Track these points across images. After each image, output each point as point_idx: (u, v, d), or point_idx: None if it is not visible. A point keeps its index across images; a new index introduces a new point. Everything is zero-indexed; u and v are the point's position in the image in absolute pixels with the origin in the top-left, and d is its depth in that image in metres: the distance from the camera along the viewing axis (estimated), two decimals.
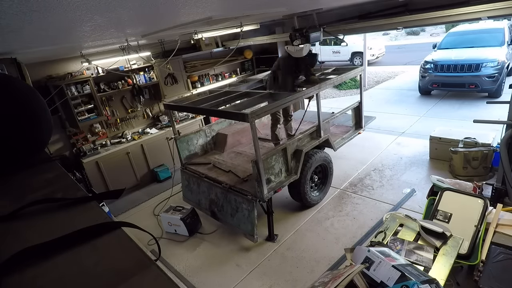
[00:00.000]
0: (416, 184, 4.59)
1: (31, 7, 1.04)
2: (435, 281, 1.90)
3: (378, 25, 4.46)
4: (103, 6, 1.23)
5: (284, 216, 4.37)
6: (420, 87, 8.76)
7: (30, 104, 1.12)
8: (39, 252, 0.56)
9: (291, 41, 4.52)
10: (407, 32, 21.70)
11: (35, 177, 1.03)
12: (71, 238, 0.59)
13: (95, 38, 2.73)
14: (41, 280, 0.52)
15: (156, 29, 2.93)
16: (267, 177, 3.65)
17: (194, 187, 4.59)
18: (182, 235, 4.25)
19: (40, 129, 1.13)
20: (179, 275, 3.63)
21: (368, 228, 3.86)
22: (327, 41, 13.62)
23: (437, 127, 5.47)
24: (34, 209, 0.74)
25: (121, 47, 4.73)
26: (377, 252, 2.08)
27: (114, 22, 1.91)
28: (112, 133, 5.96)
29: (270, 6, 2.93)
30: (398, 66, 13.24)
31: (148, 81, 6.09)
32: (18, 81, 1.30)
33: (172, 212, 4.28)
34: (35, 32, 1.71)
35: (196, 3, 1.67)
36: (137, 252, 0.56)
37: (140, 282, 0.49)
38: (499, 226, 2.73)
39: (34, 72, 4.74)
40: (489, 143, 4.48)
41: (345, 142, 4.92)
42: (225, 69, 7.54)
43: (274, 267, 3.52)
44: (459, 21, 4.53)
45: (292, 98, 3.80)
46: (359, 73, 5.08)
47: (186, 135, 4.86)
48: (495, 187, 3.64)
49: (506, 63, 7.41)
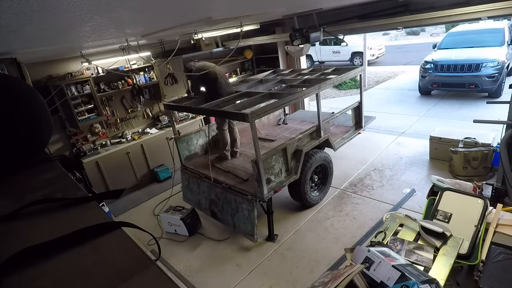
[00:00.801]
0: (416, 184, 4.59)
1: (31, 7, 1.03)
2: (435, 281, 1.90)
3: (378, 25, 4.47)
4: (103, 6, 1.23)
5: (284, 216, 4.37)
6: (420, 87, 8.76)
7: (30, 104, 1.12)
8: (39, 252, 0.56)
9: (291, 41, 4.52)
10: (407, 32, 21.70)
11: (35, 177, 1.03)
12: (71, 238, 0.59)
13: (95, 38, 2.72)
14: (41, 280, 0.52)
15: (156, 29, 2.93)
16: (267, 177, 3.65)
17: (194, 187, 4.59)
18: (182, 235, 4.25)
19: (40, 129, 1.13)
20: (179, 275, 3.63)
21: (368, 228, 3.86)
22: (327, 41, 13.62)
23: (437, 127, 5.47)
24: (34, 209, 0.74)
25: (121, 47, 4.73)
26: (377, 252, 2.08)
27: (114, 22, 1.91)
28: (112, 133, 5.96)
29: (270, 6, 2.93)
30: (398, 66, 13.24)
31: (148, 81, 6.10)
32: (18, 81, 1.30)
33: (172, 212, 4.28)
34: (35, 32, 1.71)
35: (196, 3, 1.67)
36: (137, 252, 0.56)
37: (140, 282, 0.49)
38: (499, 226, 2.73)
39: (34, 72, 4.74)
40: (489, 143, 4.48)
41: (345, 142, 4.92)
42: (225, 69, 7.54)
43: (274, 267, 3.52)
44: (459, 21, 4.53)
45: (292, 98, 3.81)
46: (359, 73, 5.09)
47: (186, 135, 4.86)
48: (495, 187, 3.64)
49: (506, 63, 7.41)
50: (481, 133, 4.80)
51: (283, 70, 6.06)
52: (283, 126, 5.87)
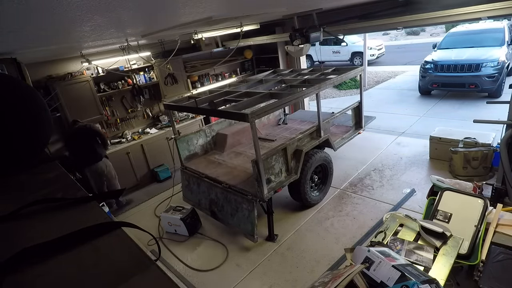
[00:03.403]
0: (416, 184, 4.59)
1: (31, 7, 1.04)
2: (435, 281, 1.90)
3: (378, 25, 4.46)
4: (103, 6, 1.23)
5: (284, 216, 4.37)
6: (420, 87, 8.76)
7: (30, 104, 1.12)
8: (39, 252, 0.56)
9: (291, 41, 4.51)
10: (407, 32, 21.71)
11: (35, 177, 1.03)
12: (71, 238, 0.59)
13: (95, 38, 2.72)
14: (41, 280, 0.52)
15: (156, 29, 2.93)
16: (267, 177, 3.65)
17: (194, 187, 4.59)
18: (182, 235, 4.25)
19: (40, 129, 1.13)
20: (179, 275, 3.63)
21: (368, 228, 3.86)
22: (327, 41, 13.62)
23: (437, 127, 5.47)
24: (34, 209, 0.74)
25: (121, 47, 4.73)
26: (377, 252, 2.08)
27: (114, 22, 1.91)
28: (112, 133, 5.96)
29: (270, 6, 2.93)
30: (398, 66, 13.24)
31: (148, 81, 6.10)
32: (18, 81, 1.30)
33: (172, 212, 4.28)
34: (35, 32, 1.71)
35: (196, 3, 1.67)
36: (137, 252, 0.56)
37: (140, 282, 0.49)
38: (499, 226, 2.73)
39: (34, 72, 4.74)
40: (489, 143, 4.48)
41: (345, 142, 4.92)
42: (225, 69, 7.54)
43: (274, 267, 3.52)
44: (459, 21, 4.53)
45: (292, 98, 3.81)
46: (359, 73, 5.09)
47: (186, 135, 4.86)
48: (495, 187, 3.64)
49: (506, 63, 7.41)
50: (481, 133, 4.80)
51: (283, 70, 6.06)
52: (283, 126, 5.87)
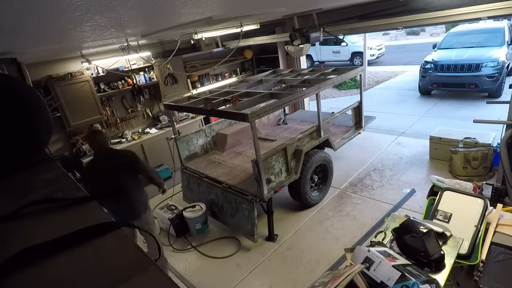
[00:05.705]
0: (416, 184, 4.59)
1: (31, 7, 1.04)
2: (435, 281, 1.90)
3: (378, 25, 4.46)
4: (103, 6, 1.23)
5: (284, 216, 4.37)
6: (420, 87, 8.76)
7: (30, 104, 1.11)
8: (39, 252, 0.56)
9: (291, 41, 4.51)
10: (407, 32, 21.70)
11: (35, 177, 1.03)
12: (71, 238, 0.59)
13: (95, 38, 2.72)
14: (41, 280, 0.52)
15: (156, 29, 2.93)
16: (267, 177, 3.65)
17: (194, 187, 4.59)
18: (172, 235, 4.23)
19: (40, 129, 1.13)
20: (179, 275, 3.63)
21: (368, 228, 3.86)
22: (327, 41, 13.61)
23: (437, 127, 5.47)
24: (34, 209, 0.74)
25: (121, 47, 4.73)
26: (377, 252, 2.08)
27: (114, 22, 1.91)
28: (112, 133, 5.95)
29: (270, 6, 2.93)
30: (398, 66, 13.24)
31: (148, 81, 6.09)
32: (17, 80, 1.30)
33: (165, 211, 4.28)
34: (35, 32, 1.71)
35: (196, 3, 1.67)
36: (137, 252, 0.56)
37: (140, 282, 0.49)
38: (499, 226, 2.73)
39: (34, 72, 4.74)
40: (489, 143, 4.48)
41: (345, 142, 4.92)
42: (225, 69, 7.54)
43: (274, 267, 3.52)
44: (459, 21, 4.52)
45: (292, 98, 3.81)
46: (359, 73, 5.09)
47: (186, 135, 4.87)
48: (495, 187, 3.64)
49: (506, 63, 7.41)
50: (481, 133, 4.80)
51: (283, 70, 6.06)
52: (283, 126, 5.87)
